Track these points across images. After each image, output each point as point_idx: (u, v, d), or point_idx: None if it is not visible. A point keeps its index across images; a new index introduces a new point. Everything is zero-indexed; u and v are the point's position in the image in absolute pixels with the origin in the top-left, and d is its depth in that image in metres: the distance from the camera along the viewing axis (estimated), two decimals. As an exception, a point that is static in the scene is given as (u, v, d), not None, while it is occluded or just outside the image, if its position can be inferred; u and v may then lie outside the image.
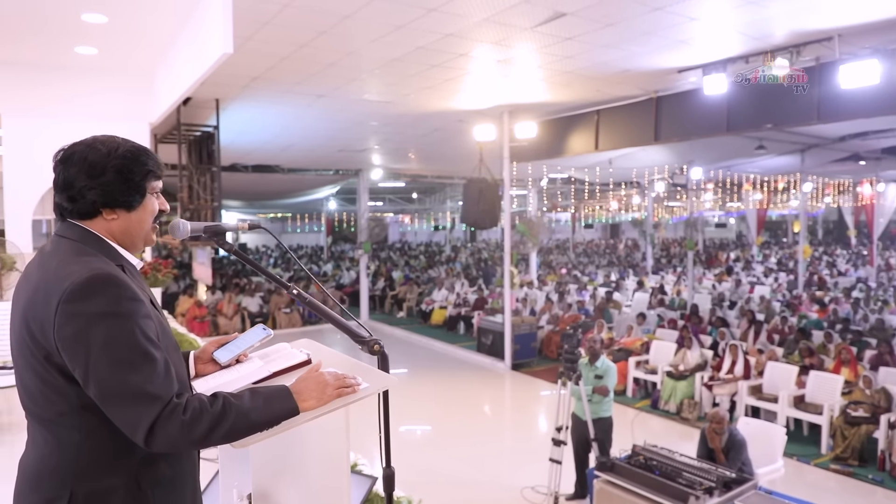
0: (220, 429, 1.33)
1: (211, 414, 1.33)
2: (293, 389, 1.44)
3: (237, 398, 1.38)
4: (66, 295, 1.31)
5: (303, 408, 1.42)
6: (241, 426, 1.35)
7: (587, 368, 5.93)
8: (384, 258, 28.54)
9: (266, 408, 1.39)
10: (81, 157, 1.44)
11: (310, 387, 1.45)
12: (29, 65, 7.02)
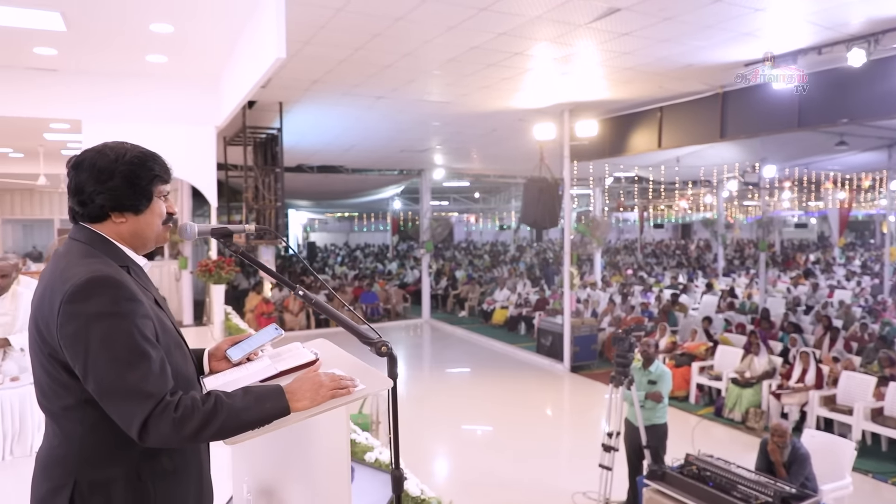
0: (210, 426, 1.37)
1: (202, 412, 1.37)
2: (287, 389, 1.47)
3: (230, 397, 1.41)
4: (67, 296, 1.39)
5: (295, 408, 1.45)
6: (231, 424, 1.39)
7: (640, 373, 5.76)
8: (449, 257, 28.69)
9: (258, 407, 1.42)
10: (91, 164, 1.51)
11: (304, 387, 1.47)
12: (106, 74, 7.47)
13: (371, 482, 2.89)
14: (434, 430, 8.48)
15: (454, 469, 7.44)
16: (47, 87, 7.26)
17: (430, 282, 17.73)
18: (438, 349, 14.59)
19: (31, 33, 6.03)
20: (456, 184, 23.04)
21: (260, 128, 10.32)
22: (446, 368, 12.57)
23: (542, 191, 10.96)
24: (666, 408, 5.74)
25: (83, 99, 7.49)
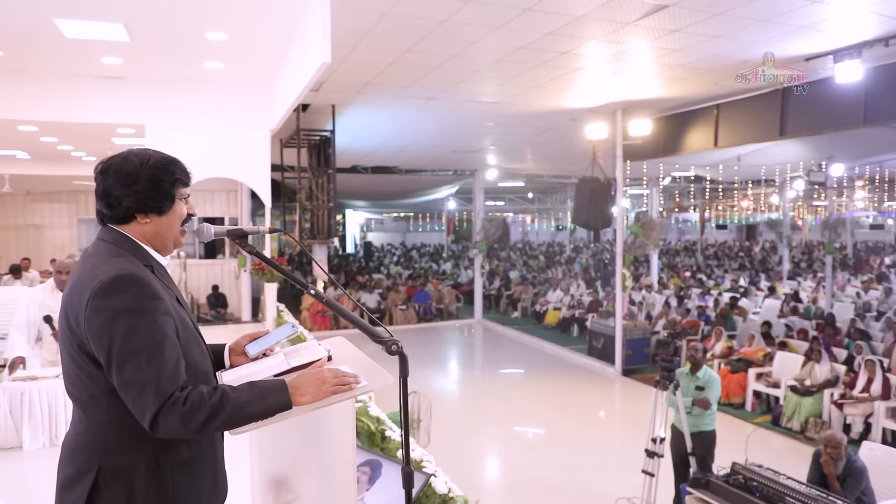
0: (217, 419, 1.45)
1: (209, 406, 1.44)
2: (291, 384, 1.53)
3: (235, 391, 1.49)
4: (95, 291, 1.48)
5: (298, 402, 1.51)
6: (237, 416, 1.47)
7: (687, 378, 5.61)
8: (504, 258, 28.60)
9: (261, 401, 1.49)
10: (117, 169, 1.61)
11: (307, 383, 1.54)
12: (167, 81, 7.83)
13: (396, 478, 2.94)
14: (485, 431, 8.51)
15: (501, 469, 7.44)
16: (114, 95, 7.68)
17: (482, 282, 17.73)
18: (489, 350, 14.58)
19: (99, 44, 6.39)
20: (511, 184, 22.97)
21: (314, 130, 10.58)
22: (497, 369, 12.56)
23: (594, 191, 10.82)
24: (714, 415, 5.57)
25: (146, 105, 7.88)
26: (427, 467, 3.26)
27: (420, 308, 16.95)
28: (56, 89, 7.43)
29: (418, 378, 10.83)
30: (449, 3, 5.55)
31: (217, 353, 1.86)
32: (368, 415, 4.10)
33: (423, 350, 13.97)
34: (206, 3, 5.33)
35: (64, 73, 7.37)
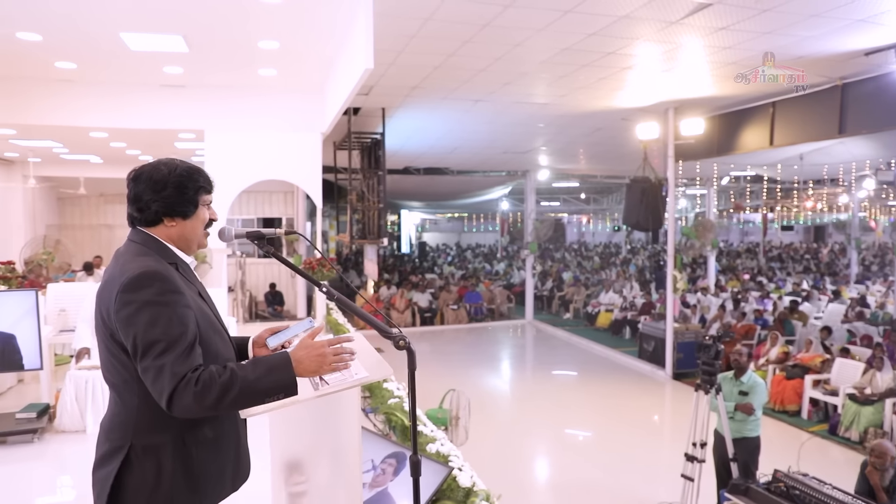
0: (228, 396, 1.58)
1: (219, 384, 1.57)
2: (294, 358, 1.66)
3: (242, 369, 1.62)
4: (123, 286, 1.65)
5: (300, 373, 1.65)
6: (247, 392, 1.60)
7: (731, 383, 5.50)
8: (559, 258, 28.37)
9: (268, 377, 1.62)
10: (148, 176, 1.78)
11: (310, 356, 1.67)
12: (224, 87, 8.19)
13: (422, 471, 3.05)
14: (533, 431, 8.55)
15: (545, 469, 7.47)
16: (176, 102, 8.10)
17: (534, 283, 17.69)
18: (539, 351, 14.55)
19: (161, 55, 6.77)
20: (565, 184, 22.77)
21: (365, 133, 10.83)
22: (546, 370, 12.53)
23: (645, 191, 10.65)
24: (758, 421, 5.44)
25: (205, 111, 8.27)
26: (454, 462, 3.36)
27: (471, 308, 17.05)
28: (123, 98, 7.90)
29: (468, 377, 10.98)
30: (489, 8, 5.62)
31: (242, 345, 2.01)
32: (403, 410, 4.23)
33: (474, 350, 14.07)
34: (257, 15, 5.58)
35: (130, 83, 7.83)
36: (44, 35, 6.01)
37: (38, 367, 4.32)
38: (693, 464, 5.17)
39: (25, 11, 5.44)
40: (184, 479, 1.70)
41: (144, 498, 1.67)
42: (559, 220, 36.81)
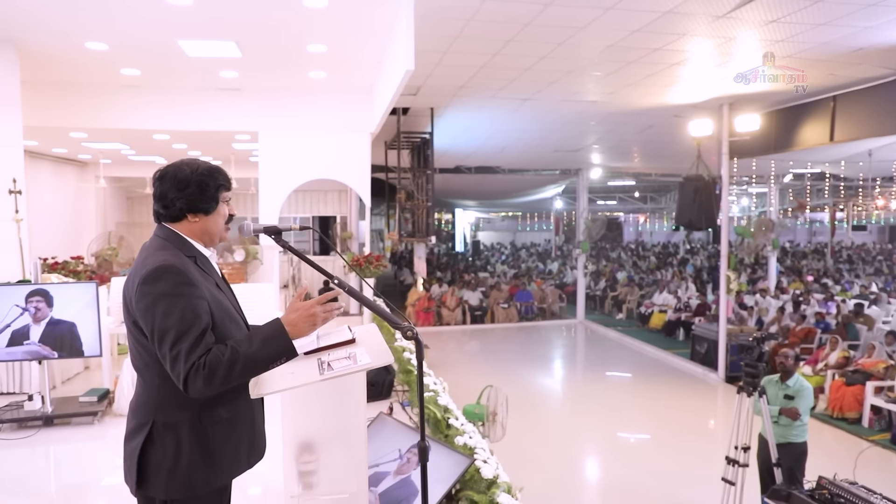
0: (234, 372, 1.71)
1: (224, 363, 1.71)
2: (287, 323, 1.79)
3: (241, 344, 1.75)
4: (142, 278, 1.80)
5: (298, 334, 1.79)
6: (251, 365, 1.74)
7: (776, 386, 5.35)
8: (614, 258, 27.91)
9: (266, 347, 1.76)
10: (172, 176, 1.93)
11: (302, 317, 1.81)
12: (277, 90, 8.50)
13: (445, 461, 3.14)
14: (578, 431, 8.51)
15: (588, 469, 7.43)
16: (231, 105, 8.45)
17: (585, 282, 17.50)
18: (589, 351, 14.41)
19: (216, 60, 7.09)
20: (621, 183, 22.40)
21: (414, 133, 10.99)
22: (594, 371, 12.40)
23: (698, 190, 10.41)
24: (805, 426, 5.27)
25: (259, 113, 8.59)
26: (479, 454, 3.43)
27: (522, 307, 17.02)
28: (183, 102, 8.31)
29: (516, 376, 11.01)
30: (529, 7, 5.65)
31: None
32: (437, 403, 4.32)
33: (524, 349, 14.04)
34: (303, 20, 5.79)
35: (189, 87, 8.22)
36: (109, 44, 6.41)
37: (98, 355, 4.63)
38: (734, 468, 5.06)
39: (92, 23, 5.82)
40: (200, 454, 1.84)
41: (166, 470, 1.82)
42: (615, 219, 36.21)
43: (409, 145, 11.40)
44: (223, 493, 1.96)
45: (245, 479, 2.05)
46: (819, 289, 15.42)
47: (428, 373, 5.28)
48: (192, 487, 1.83)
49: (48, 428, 4.45)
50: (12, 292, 4.41)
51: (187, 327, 1.74)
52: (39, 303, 4.40)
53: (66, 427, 4.51)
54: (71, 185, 12.62)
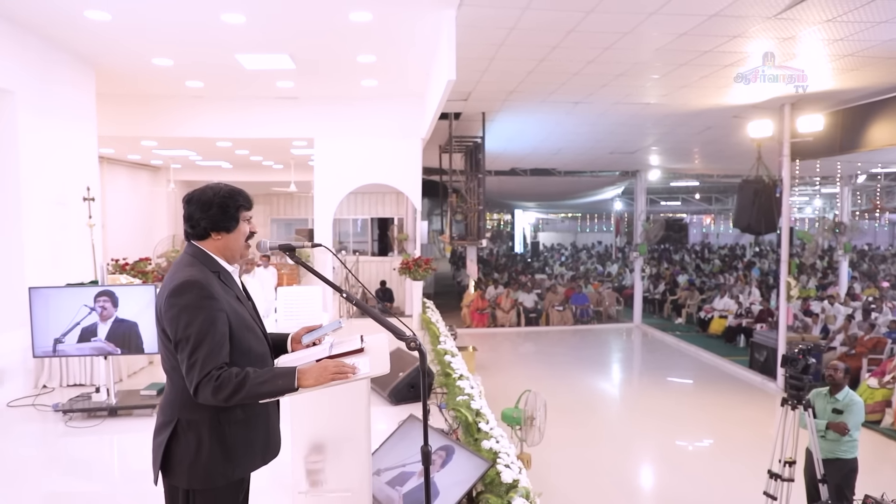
0: (239, 393, 1.89)
1: (233, 383, 1.89)
2: (300, 370, 1.94)
3: (256, 374, 1.93)
4: (169, 291, 2.01)
5: (302, 384, 1.93)
6: (254, 392, 1.91)
7: (824, 400, 5.19)
8: (677, 260, 27.19)
9: (272, 382, 1.92)
10: (197, 199, 2.13)
11: (313, 370, 1.95)
12: (331, 98, 8.81)
13: (466, 464, 3.26)
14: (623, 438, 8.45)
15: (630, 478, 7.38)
16: (288, 113, 8.82)
17: (643, 285, 17.19)
18: (642, 356, 14.17)
19: (273, 72, 7.44)
20: (684, 183, 21.87)
21: (466, 137, 11.12)
22: (647, 376, 12.21)
23: (758, 192, 10.08)
24: (855, 442, 5.08)
25: (315, 120, 8.93)
26: (502, 459, 3.52)
27: (577, 310, 16.88)
28: (243, 111, 8.74)
29: (568, 379, 10.98)
30: (571, 15, 5.68)
31: (282, 340, 2.33)
32: (469, 407, 4.44)
33: (578, 352, 13.95)
34: (351, 33, 6.01)
35: (248, 98, 8.64)
36: (174, 60, 6.84)
37: (156, 352, 4.97)
38: (777, 482, 4.95)
39: (158, 42, 6.25)
40: (219, 450, 2.03)
41: (188, 463, 2.02)
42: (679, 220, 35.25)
43: (461, 149, 11.55)
44: (240, 486, 2.15)
45: (262, 473, 2.24)
46: (895, 296, 14.62)
47: (466, 377, 5.39)
48: (211, 479, 2.02)
49: (112, 418, 4.82)
50: (82, 293, 4.80)
51: (204, 336, 1.93)
52: (105, 303, 4.78)
53: (128, 418, 4.87)
54: (144, 189, 13.41)
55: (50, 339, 4.72)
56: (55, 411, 4.85)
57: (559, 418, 8.67)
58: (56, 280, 5.67)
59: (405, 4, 5.38)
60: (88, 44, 6.26)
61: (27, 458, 4.33)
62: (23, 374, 5.45)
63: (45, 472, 4.14)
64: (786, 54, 7.16)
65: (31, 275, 5.53)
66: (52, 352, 4.78)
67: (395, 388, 5.12)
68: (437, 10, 5.45)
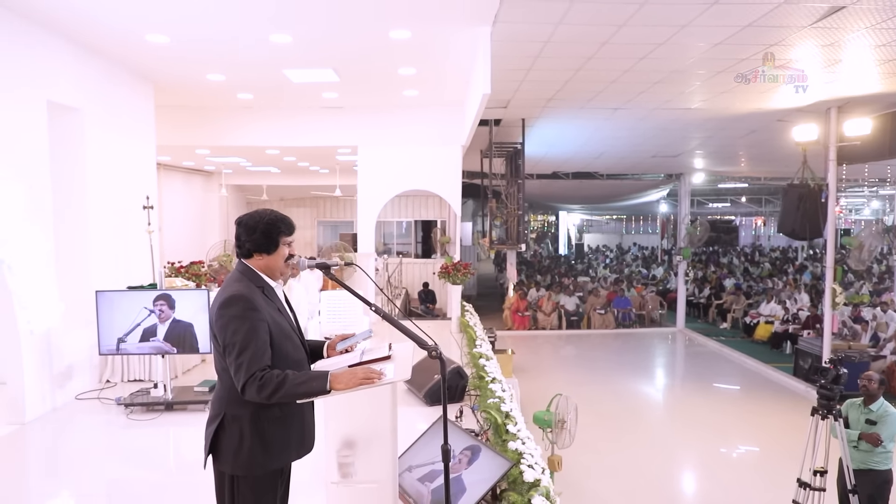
0: (279, 392, 2.16)
1: (274, 383, 2.16)
2: (332, 375, 2.19)
3: (294, 375, 2.19)
4: (219, 304, 2.30)
5: (334, 388, 2.18)
6: (291, 392, 2.18)
7: (858, 410, 5.18)
8: (725, 263, 26.65)
9: (308, 384, 2.18)
10: (245, 223, 2.41)
11: (344, 375, 2.20)
12: (374, 107, 9.13)
13: (490, 463, 3.46)
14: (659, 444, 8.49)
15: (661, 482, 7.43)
16: (334, 122, 9.19)
17: (686, 289, 17.00)
18: (684, 361, 14.05)
19: (318, 85, 7.79)
20: (733, 185, 21.46)
21: (506, 143, 11.29)
22: (687, 382, 12.14)
23: (803, 198, 9.94)
24: (889, 454, 5.06)
25: (358, 128, 9.28)
26: (526, 460, 3.71)
27: (619, 313, 16.82)
28: (291, 120, 9.15)
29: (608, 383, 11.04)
30: (603, 29, 5.81)
31: (319, 347, 2.60)
32: (498, 410, 4.64)
33: (619, 357, 13.94)
34: (391, 48, 6.28)
35: (295, 108, 9.04)
36: (226, 76, 7.26)
37: (209, 352, 5.34)
38: (806, 490, 4.98)
39: (212, 60, 6.67)
40: (258, 443, 2.31)
41: (232, 452, 2.31)
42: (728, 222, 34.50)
43: (502, 153, 11.72)
44: (279, 475, 2.42)
45: (301, 465, 2.50)
46: (954, 303, 14.04)
47: (498, 380, 5.59)
48: (251, 468, 2.31)
49: (169, 412, 5.21)
50: (143, 297, 5.21)
51: (248, 344, 2.21)
52: (163, 306, 5.17)
53: (183, 412, 5.26)
54: (198, 193, 14.06)
55: (114, 338, 5.14)
56: (118, 405, 5.27)
57: (598, 423, 8.78)
58: (117, 283, 6.13)
59: (442, 22, 5.60)
60: (148, 63, 6.71)
61: (92, 447, 4.75)
62: (89, 370, 5.92)
63: (108, 460, 4.54)
64: (830, 60, 7.10)
65: (96, 278, 5.98)
66: (115, 350, 5.20)
67: (430, 390, 5.36)
68: (473, 27, 5.66)
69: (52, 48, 5.52)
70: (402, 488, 3.34)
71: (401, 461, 3.46)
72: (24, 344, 5.03)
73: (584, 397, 9.66)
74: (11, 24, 4.98)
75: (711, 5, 5.18)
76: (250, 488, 2.32)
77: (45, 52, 5.41)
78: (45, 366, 5.28)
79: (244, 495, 2.32)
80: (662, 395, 11.41)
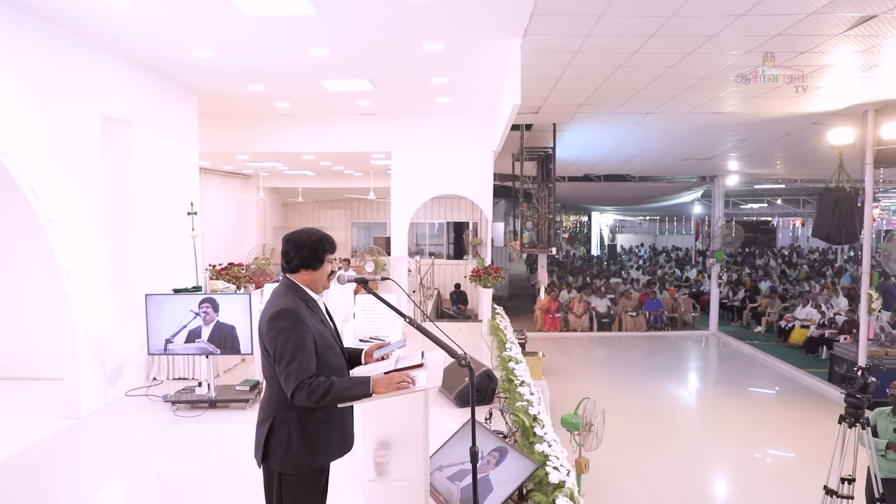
0: (327, 397, 2.35)
1: (322, 389, 2.35)
2: (373, 380, 2.38)
3: (340, 381, 2.39)
4: (269, 316, 2.50)
5: (376, 391, 2.37)
6: (338, 396, 2.37)
7: (887, 419, 5.19)
8: (761, 265, 26.25)
9: (352, 389, 2.37)
10: (293, 240, 2.62)
11: (384, 381, 2.39)
12: (408, 114, 9.35)
13: (517, 464, 3.63)
14: (687, 449, 8.52)
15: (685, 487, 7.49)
16: (368, 128, 9.45)
17: (718, 292, 16.84)
18: (716, 365, 13.95)
19: (354, 93, 8.04)
20: (769, 186, 21.17)
21: (538, 147, 11.41)
22: (718, 386, 12.07)
23: (838, 202, 9.83)
24: (919, 462, 5.07)
25: (392, 135, 9.52)
26: (552, 461, 3.86)
27: (650, 316, 16.76)
28: (327, 127, 9.44)
29: (638, 386, 11.06)
30: (631, 40, 5.91)
31: (357, 354, 2.80)
32: (526, 412, 4.79)
33: (649, 359, 13.91)
34: (425, 60, 6.48)
35: (331, 115, 9.32)
36: (266, 86, 7.55)
37: (250, 353, 5.61)
38: (832, 498, 5.01)
39: (253, 72, 6.96)
40: (305, 443, 2.51)
41: (281, 452, 2.52)
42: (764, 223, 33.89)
43: (534, 157, 11.84)
44: (321, 473, 2.63)
45: (339, 464, 2.71)
46: None
47: (527, 383, 5.74)
48: (298, 466, 2.52)
49: (212, 410, 5.50)
50: (189, 300, 5.50)
51: (296, 354, 2.42)
52: (208, 308, 5.46)
53: (225, 410, 5.54)
54: (237, 196, 14.49)
55: (162, 339, 5.45)
56: (164, 401, 5.58)
57: (628, 425, 8.85)
58: (163, 285, 6.46)
59: (474, 35, 5.78)
60: (193, 76, 7.04)
61: (140, 442, 5.05)
62: (137, 368, 6.26)
63: (155, 454, 4.83)
64: (867, 64, 7.06)
65: (144, 281, 6.31)
66: (163, 350, 5.51)
67: (460, 392, 5.54)
68: (504, 40, 5.81)
69: (106, 64, 5.86)
70: (433, 486, 3.53)
71: (432, 461, 3.65)
72: (79, 343, 5.36)
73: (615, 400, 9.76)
74: (69, 42, 5.32)
75: (738, 17, 5.24)
76: (297, 485, 2.53)
77: (99, 68, 5.75)
78: (99, 364, 5.61)
79: (291, 491, 2.53)
80: (694, 398, 11.38)
